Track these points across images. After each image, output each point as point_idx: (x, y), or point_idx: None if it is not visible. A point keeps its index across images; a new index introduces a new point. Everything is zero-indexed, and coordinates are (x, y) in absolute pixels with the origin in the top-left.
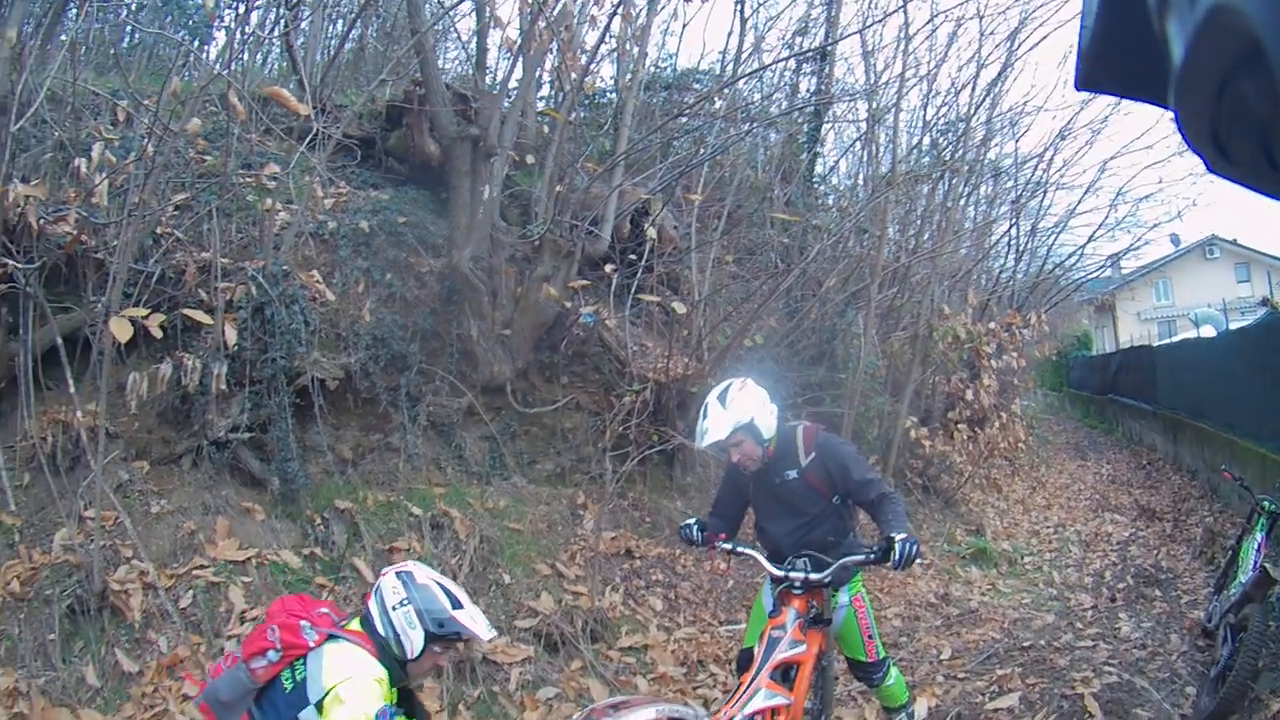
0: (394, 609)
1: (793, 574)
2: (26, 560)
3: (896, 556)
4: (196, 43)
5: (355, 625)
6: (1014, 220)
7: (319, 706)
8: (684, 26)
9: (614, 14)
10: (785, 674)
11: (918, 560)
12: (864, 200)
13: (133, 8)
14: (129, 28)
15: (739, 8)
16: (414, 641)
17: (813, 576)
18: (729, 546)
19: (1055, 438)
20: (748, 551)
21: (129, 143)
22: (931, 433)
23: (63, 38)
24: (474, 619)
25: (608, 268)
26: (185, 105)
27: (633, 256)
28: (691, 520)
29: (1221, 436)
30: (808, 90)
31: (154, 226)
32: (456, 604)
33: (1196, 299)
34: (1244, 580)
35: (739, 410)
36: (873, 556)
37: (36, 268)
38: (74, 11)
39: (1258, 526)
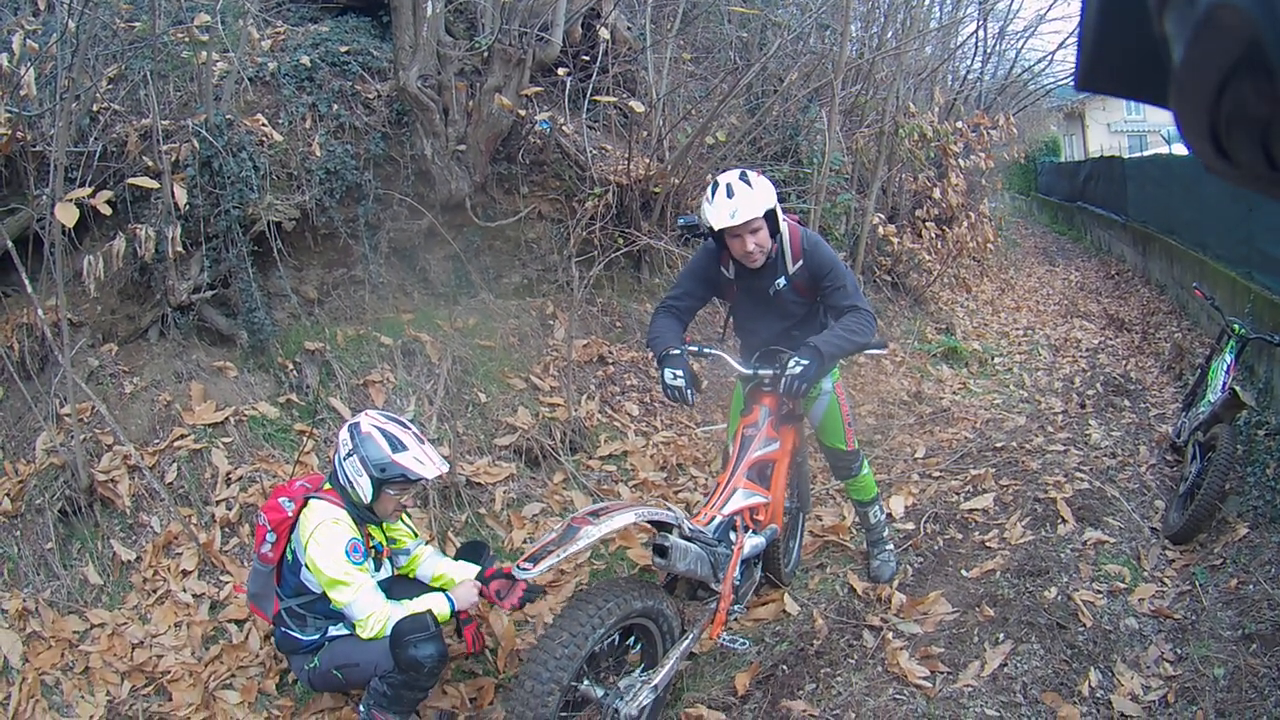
0: (345, 460)
1: (761, 371)
2: (13, 475)
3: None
4: None
5: (329, 485)
6: (981, 21)
7: (307, 564)
8: None
9: None
10: (762, 472)
11: (800, 383)
12: None
13: None
14: None
15: None
16: (364, 488)
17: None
18: (695, 349)
19: (1023, 241)
20: (714, 352)
21: (51, 27)
22: (899, 230)
23: None
24: (418, 460)
25: (560, 71)
26: None
27: (586, 59)
28: (679, 381)
29: (1192, 255)
30: None
31: (89, 105)
32: (399, 447)
33: (1168, 117)
34: (1213, 400)
35: (765, 194)
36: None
37: None
38: None
39: (1227, 348)
